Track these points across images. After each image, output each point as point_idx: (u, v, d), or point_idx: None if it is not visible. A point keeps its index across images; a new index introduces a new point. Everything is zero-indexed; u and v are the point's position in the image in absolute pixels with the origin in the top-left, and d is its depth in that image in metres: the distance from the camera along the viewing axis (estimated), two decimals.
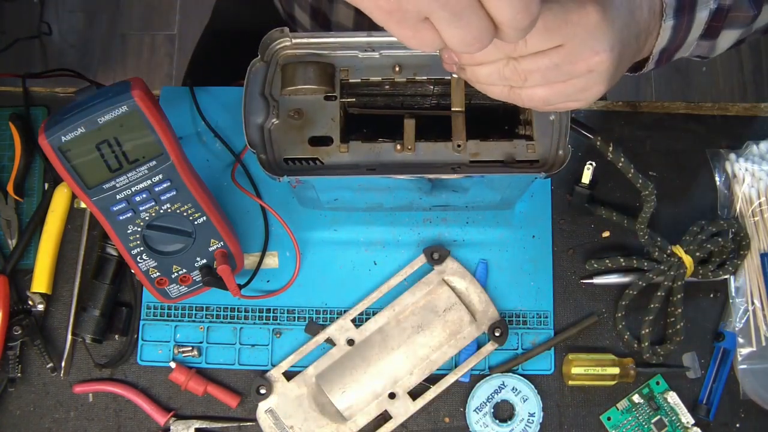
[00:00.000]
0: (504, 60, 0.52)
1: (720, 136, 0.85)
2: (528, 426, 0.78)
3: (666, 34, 0.61)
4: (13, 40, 1.74)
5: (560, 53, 0.51)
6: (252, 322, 0.80)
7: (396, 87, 0.68)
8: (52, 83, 0.87)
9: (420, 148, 0.66)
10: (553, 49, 0.51)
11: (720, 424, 0.79)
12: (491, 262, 0.81)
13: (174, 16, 1.92)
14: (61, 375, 0.79)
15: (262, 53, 0.66)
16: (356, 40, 0.67)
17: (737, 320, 0.79)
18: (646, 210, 0.75)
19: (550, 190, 0.83)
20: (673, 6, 0.60)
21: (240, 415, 0.79)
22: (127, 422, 0.79)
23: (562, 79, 0.53)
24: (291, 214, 0.80)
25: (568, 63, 0.52)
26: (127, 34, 1.91)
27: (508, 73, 0.53)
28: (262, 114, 0.66)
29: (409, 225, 0.82)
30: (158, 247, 0.70)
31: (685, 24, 0.62)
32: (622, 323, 0.79)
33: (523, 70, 0.52)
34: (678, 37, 0.63)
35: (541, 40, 0.51)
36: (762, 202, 0.80)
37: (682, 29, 0.62)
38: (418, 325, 0.77)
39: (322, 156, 0.65)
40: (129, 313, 0.80)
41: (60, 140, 0.61)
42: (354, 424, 0.77)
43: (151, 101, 0.63)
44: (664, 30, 0.61)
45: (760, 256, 0.79)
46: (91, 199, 0.66)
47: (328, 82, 0.66)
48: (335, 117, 0.66)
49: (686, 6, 0.61)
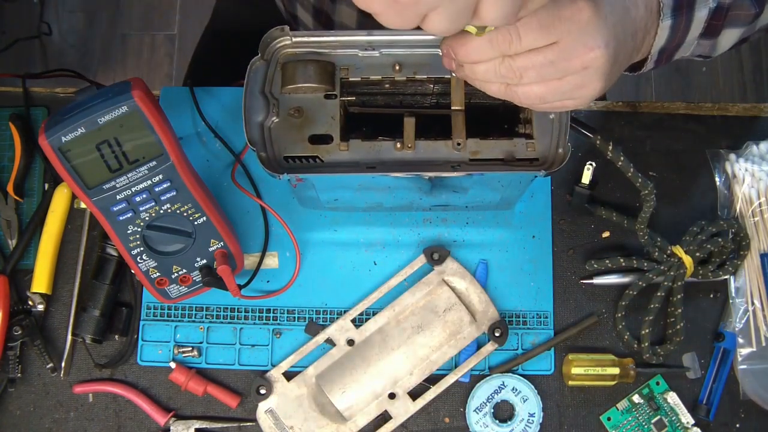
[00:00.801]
0: (500, 58, 0.52)
1: (720, 136, 0.85)
2: (528, 426, 0.78)
3: (664, 33, 0.61)
4: (13, 40, 1.74)
5: (554, 50, 0.52)
6: (252, 322, 0.80)
7: (396, 86, 0.68)
8: (52, 83, 0.87)
9: (420, 146, 0.66)
10: (548, 46, 0.52)
11: (720, 424, 0.79)
12: (491, 262, 0.81)
13: (174, 16, 1.92)
14: (61, 375, 0.79)
15: (262, 52, 0.66)
16: (356, 39, 0.67)
17: (737, 320, 0.79)
18: (646, 210, 0.75)
19: (550, 190, 0.83)
20: (670, 5, 0.60)
21: (240, 415, 0.79)
22: (127, 422, 0.79)
23: (557, 76, 0.53)
24: (291, 214, 0.80)
25: (563, 59, 0.52)
26: (127, 34, 1.91)
27: (504, 70, 0.53)
28: (263, 112, 0.66)
29: (409, 225, 0.82)
30: (158, 247, 0.70)
31: (684, 23, 0.62)
32: (622, 323, 0.79)
33: (519, 67, 0.52)
34: (677, 37, 0.62)
35: (536, 37, 0.51)
36: (762, 202, 0.80)
37: (680, 28, 0.62)
38: (418, 326, 0.77)
39: (322, 154, 0.65)
40: (129, 313, 0.80)
41: (60, 140, 0.61)
42: (354, 425, 0.77)
43: (151, 101, 0.63)
44: (662, 29, 0.61)
45: (760, 256, 0.79)
46: (91, 200, 0.66)
47: (328, 80, 0.66)
48: (335, 115, 0.66)
49: (684, 5, 0.61)
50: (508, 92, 0.55)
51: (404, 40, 0.67)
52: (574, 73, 0.53)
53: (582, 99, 0.56)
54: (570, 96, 0.55)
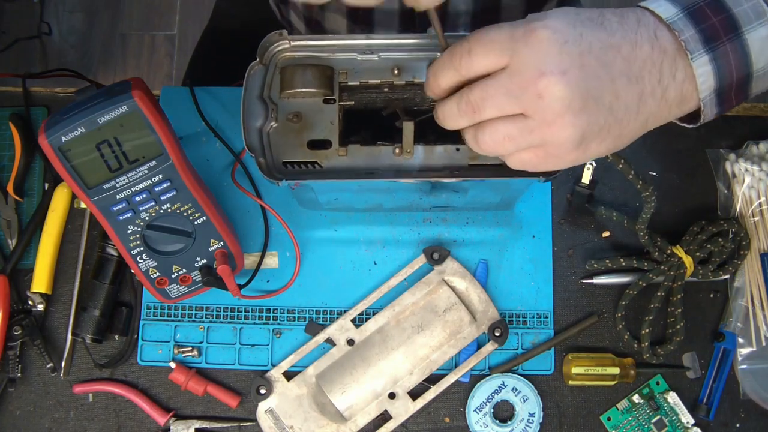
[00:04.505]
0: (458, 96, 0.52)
1: (720, 136, 0.85)
2: (528, 426, 0.78)
3: (706, 70, 0.51)
4: (13, 40, 1.74)
5: (506, 73, 0.49)
6: (252, 322, 0.80)
7: (395, 90, 0.68)
8: (52, 83, 0.87)
9: (419, 151, 0.65)
10: (501, 70, 0.49)
11: (720, 424, 0.79)
12: (491, 262, 0.81)
13: (174, 16, 1.92)
14: (61, 375, 0.79)
15: (260, 56, 0.66)
16: (355, 43, 0.66)
17: (737, 320, 0.79)
18: (646, 210, 0.75)
19: (550, 190, 0.83)
20: (698, 39, 0.51)
21: (240, 415, 0.79)
22: (127, 422, 0.79)
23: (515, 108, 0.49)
24: (291, 214, 0.80)
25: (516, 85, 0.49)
26: (127, 34, 1.91)
27: (463, 105, 0.51)
28: (261, 117, 0.65)
29: (409, 225, 0.82)
30: (158, 247, 0.70)
31: (732, 52, 0.52)
32: (622, 323, 0.79)
33: (475, 99, 0.50)
34: (730, 70, 0.52)
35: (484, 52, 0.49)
36: (762, 202, 0.80)
37: (730, 60, 0.52)
38: (418, 325, 0.77)
39: (320, 159, 0.65)
40: (129, 313, 0.80)
41: (60, 140, 0.61)
42: (354, 424, 0.77)
43: (151, 101, 0.63)
44: (699, 66, 0.51)
45: (760, 256, 0.79)
46: (91, 199, 0.66)
47: (326, 84, 0.66)
48: (334, 120, 0.66)
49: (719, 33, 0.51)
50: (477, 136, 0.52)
51: (403, 43, 0.66)
52: (531, 104, 0.49)
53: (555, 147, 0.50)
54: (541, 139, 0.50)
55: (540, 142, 0.51)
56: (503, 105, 0.50)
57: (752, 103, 0.86)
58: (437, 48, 0.66)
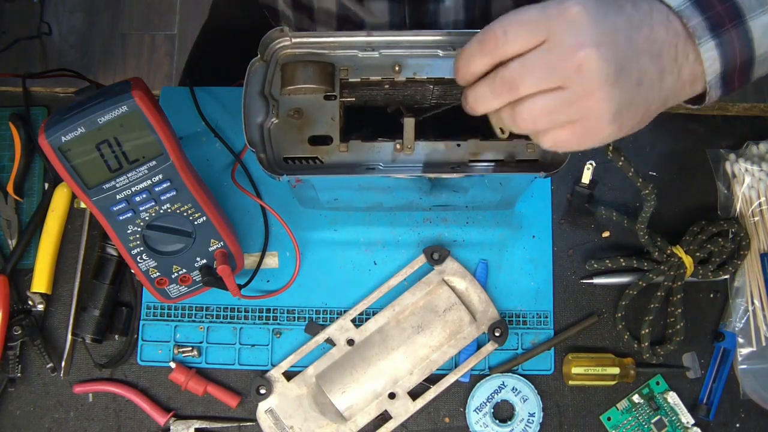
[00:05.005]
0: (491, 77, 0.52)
1: (720, 136, 0.85)
2: (528, 426, 0.78)
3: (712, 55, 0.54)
4: (13, 40, 1.74)
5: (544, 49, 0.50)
6: (252, 322, 0.80)
7: (396, 86, 0.68)
8: (52, 83, 0.87)
9: (419, 147, 0.66)
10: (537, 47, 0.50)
11: (720, 424, 0.79)
12: (491, 262, 0.81)
13: (174, 16, 1.92)
14: (61, 375, 0.79)
15: (261, 52, 0.66)
16: (356, 40, 0.67)
17: (737, 320, 0.79)
18: (646, 210, 0.75)
19: (550, 190, 0.83)
20: (704, 26, 0.53)
21: (240, 415, 0.79)
22: (127, 422, 0.79)
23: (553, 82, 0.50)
24: (291, 214, 0.81)
25: (555, 59, 0.50)
26: (127, 34, 1.91)
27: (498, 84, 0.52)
28: (262, 113, 0.66)
29: (409, 225, 0.82)
30: (158, 247, 0.70)
31: (737, 38, 0.54)
32: (622, 323, 0.79)
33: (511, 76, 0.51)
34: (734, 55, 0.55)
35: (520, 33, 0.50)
36: (762, 202, 0.80)
37: (734, 45, 0.54)
38: (418, 325, 0.77)
39: (321, 155, 0.65)
40: (129, 313, 0.80)
41: (60, 140, 0.61)
42: (354, 424, 0.77)
43: (151, 101, 0.63)
44: (706, 52, 0.54)
45: (760, 256, 0.79)
46: (91, 199, 0.66)
47: (327, 81, 0.66)
48: (335, 116, 0.66)
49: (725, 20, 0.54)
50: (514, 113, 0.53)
51: (404, 40, 0.67)
52: (570, 76, 0.50)
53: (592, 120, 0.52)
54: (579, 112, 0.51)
55: (578, 115, 0.52)
56: (542, 79, 0.51)
57: (752, 103, 0.86)
58: (437, 46, 0.66)
